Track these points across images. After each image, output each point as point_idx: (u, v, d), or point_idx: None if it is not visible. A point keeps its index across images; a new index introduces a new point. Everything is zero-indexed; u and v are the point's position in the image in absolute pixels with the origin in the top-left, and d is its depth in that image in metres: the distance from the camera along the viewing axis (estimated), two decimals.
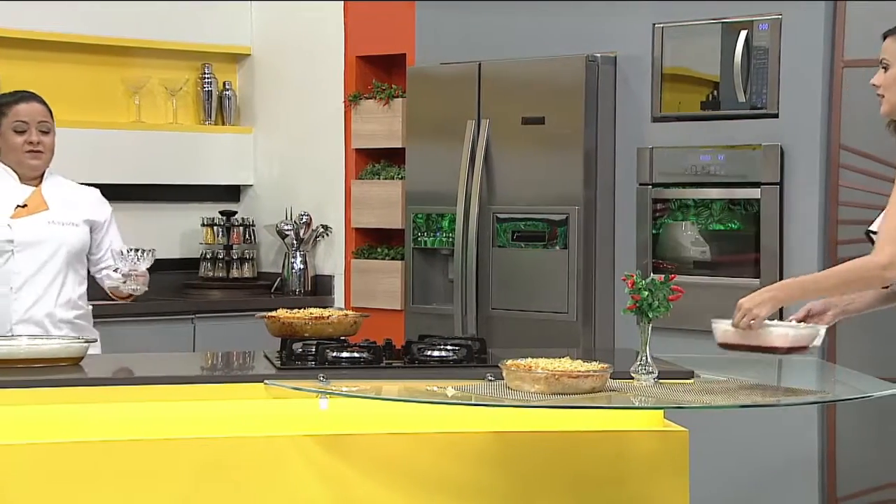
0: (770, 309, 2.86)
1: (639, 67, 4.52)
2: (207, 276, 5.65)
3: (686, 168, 4.37)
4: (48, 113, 3.62)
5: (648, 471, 2.93)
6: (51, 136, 3.60)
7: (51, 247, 3.56)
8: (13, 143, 3.56)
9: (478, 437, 2.88)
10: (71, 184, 3.72)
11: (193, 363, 3.44)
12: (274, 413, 2.87)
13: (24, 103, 3.58)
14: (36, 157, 3.58)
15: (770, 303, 2.87)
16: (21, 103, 3.58)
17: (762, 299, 2.86)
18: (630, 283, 2.82)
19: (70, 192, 3.69)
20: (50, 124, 3.61)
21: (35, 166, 3.59)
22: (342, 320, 3.19)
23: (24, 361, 2.95)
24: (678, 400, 2.72)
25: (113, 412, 2.81)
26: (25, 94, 3.64)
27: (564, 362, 2.73)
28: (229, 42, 5.75)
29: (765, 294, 2.89)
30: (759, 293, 2.89)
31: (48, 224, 3.57)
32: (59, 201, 3.62)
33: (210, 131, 5.75)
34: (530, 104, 4.65)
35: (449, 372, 2.97)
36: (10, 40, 5.13)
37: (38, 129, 3.57)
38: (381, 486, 2.82)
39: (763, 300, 2.86)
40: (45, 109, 3.62)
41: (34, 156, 3.57)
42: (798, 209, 4.17)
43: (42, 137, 3.57)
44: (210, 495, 2.76)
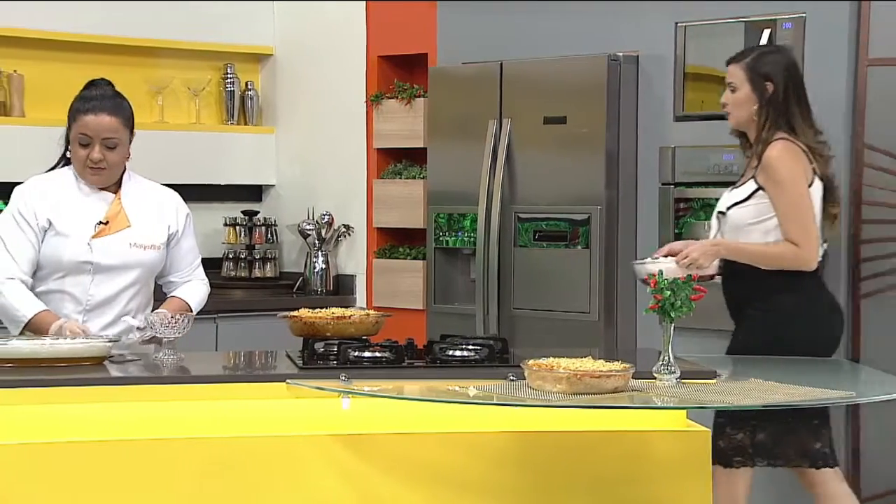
0: (711, 261, 3.46)
1: (661, 66, 4.50)
2: (230, 276, 5.66)
3: (709, 167, 4.35)
4: (121, 126, 3.33)
5: (671, 471, 2.92)
6: (119, 150, 3.34)
7: (131, 272, 3.37)
8: (77, 155, 3.34)
9: (500, 436, 2.88)
10: (151, 187, 3.49)
11: (216, 363, 3.45)
12: (296, 413, 2.88)
13: (91, 115, 3.31)
14: (96, 174, 3.34)
15: (713, 258, 3.47)
16: (89, 115, 3.31)
17: (707, 251, 3.44)
18: (652, 283, 2.81)
19: (151, 199, 3.46)
20: (117, 139, 3.32)
21: (95, 181, 3.36)
22: (364, 320, 3.19)
23: (48, 361, 2.97)
24: (701, 400, 2.71)
25: (136, 411, 2.82)
26: (101, 98, 3.36)
27: (586, 362, 2.73)
28: (252, 42, 5.77)
29: (710, 249, 3.46)
30: (705, 247, 3.45)
31: (130, 247, 3.36)
32: (141, 215, 3.40)
33: (232, 131, 5.77)
34: (552, 104, 4.64)
35: (471, 372, 2.97)
36: (35, 41, 5.17)
37: (102, 144, 3.31)
38: (403, 486, 2.82)
39: (707, 253, 3.44)
40: (117, 122, 3.32)
41: (94, 172, 3.34)
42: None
43: (106, 153, 3.31)
44: (232, 494, 2.76)
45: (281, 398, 2.86)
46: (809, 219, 3.46)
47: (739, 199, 3.52)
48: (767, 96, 3.52)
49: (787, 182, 3.45)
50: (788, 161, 3.46)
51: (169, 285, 3.53)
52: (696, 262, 3.41)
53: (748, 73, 3.55)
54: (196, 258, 3.55)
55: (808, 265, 3.47)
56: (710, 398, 2.72)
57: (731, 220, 3.52)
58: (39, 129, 3.47)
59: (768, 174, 3.46)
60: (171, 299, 3.47)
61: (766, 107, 3.52)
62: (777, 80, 3.53)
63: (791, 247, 3.45)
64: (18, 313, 3.27)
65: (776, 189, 3.45)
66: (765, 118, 3.52)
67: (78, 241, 3.34)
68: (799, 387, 2.84)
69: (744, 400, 2.76)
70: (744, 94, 3.54)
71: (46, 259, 3.34)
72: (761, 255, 3.47)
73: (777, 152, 3.46)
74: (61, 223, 3.34)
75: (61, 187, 3.39)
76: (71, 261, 3.33)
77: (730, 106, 3.58)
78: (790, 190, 3.45)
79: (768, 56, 3.58)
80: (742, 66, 3.56)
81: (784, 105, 3.52)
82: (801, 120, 3.54)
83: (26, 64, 5.17)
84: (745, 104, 3.55)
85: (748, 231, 3.50)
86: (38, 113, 5.04)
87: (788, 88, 3.53)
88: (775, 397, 2.77)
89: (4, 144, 5.01)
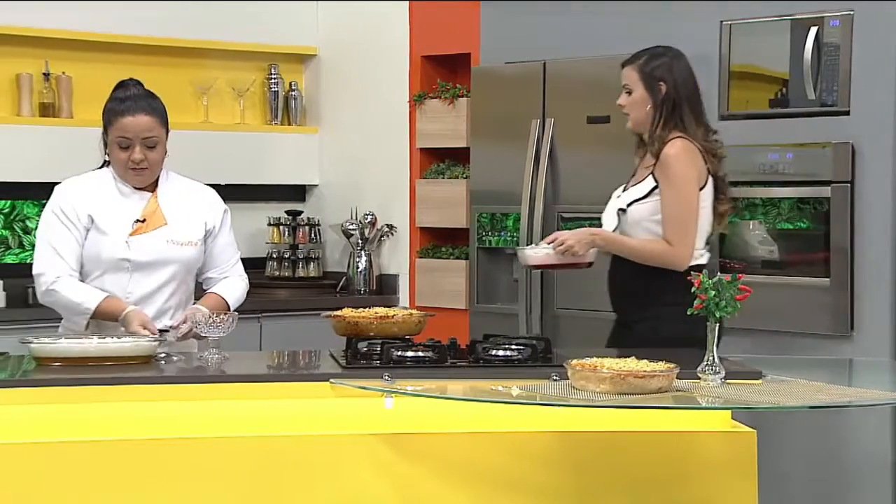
0: (587, 249, 3.53)
1: (706, 65, 4.46)
2: (274, 276, 5.69)
3: (754, 166, 4.32)
4: (156, 124, 3.35)
5: (716, 472, 2.90)
6: (158, 149, 3.36)
7: (168, 268, 3.39)
8: (117, 158, 3.36)
9: (543, 436, 2.87)
10: (188, 185, 3.51)
11: (260, 362, 3.47)
12: (339, 412, 2.88)
13: (129, 116, 3.32)
14: (138, 174, 3.36)
15: (589, 246, 3.53)
16: (126, 116, 3.32)
17: (582, 239, 3.51)
18: (697, 283, 2.80)
19: (188, 196, 3.47)
20: (156, 137, 3.34)
21: (138, 182, 3.38)
22: (407, 320, 3.19)
23: (96, 360, 3.00)
24: (746, 400, 2.69)
25: (180, 410, 2.84)
26: (135, 98, 3.36)
27: (630, 362, 2.71)
28: (296, 43, 5.80)
29: (586, 237, 3.52)
30: (582, 236, 3.52)
31: (167, 244, 3.38)
32: (177, 213, 3.42)
33: (276, 131, 5.80)
34: (595, 103, 4.62)
35: (514, 371, 2.97)
36: (81, 42, 5.22)
37: (142, 144, 3.33)
38: (446, 485, 2.82)
39: (583, 241, 3.51)
40: (153, 121, 3.34)
41: (137, 173, 3.36)
42: (869, 208, 4.10)
43: (147, 153, 3.34)
44: (276, 493, 2.78)
45: (324, 397, 2.87)
46: (690, 222, 3.51)
47: (639, 195, 3.56)
48: (661, 96, 3.58)
49: (678, 182, 3.50)
50: (684, 161, 3.52)
51: (208, 281, 3.54)
52: (572, 248, 3.50)
53: (641, 75, 3.61)
54: (235, 254, 3.56)
55: (678, 265, 3.49)
56: (755, 398, 2.70)
57: (631, 216, 3.55)
58: (87, 130, 3.49)
59: (663, 170, 3.52)
60: (209, 295, 3.49)
61: (659, 107, 3.58)
62: (668, 80, 3.59)
63: (665, 245, 3.50)
64: (82, 307, 3.30)
65: (667, 186, 3.50)
66: (658, 117, 3.58)
67: (116, 238, 3.36)
68: (846, 387, 2.81)
69: (790, 400, 2.73)
70: (639, 96, 3.60)
71: (86, 257, 3.37)
72: (636, 249, 3.52)
73: (675, 150, 3.52)
74: (100, 221, 3.37)
75: (99, 187, 3.41)
76: (109, 258, 3.36)
77: (627, 107, 3.64)
78: (679, 190, 3.50)
79: (659, 57, 3.64)
80: (635, 68, 3.62)
81: (677, 105, 3.58)
82: (694, 119, 3.58)
83: (74, 66, 5.23)
84: (640, 105, 3.60)
85: (648, 227, 3.53)
86: (85, 114, 5.10)
87: (680, 88, 3.59)
88: (822, 397, 2.74)
89: (53, 145, 5.07)
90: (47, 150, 5.07)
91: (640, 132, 3.66)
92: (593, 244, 3.54)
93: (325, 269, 5.79)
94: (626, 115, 3.66)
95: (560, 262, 3.56)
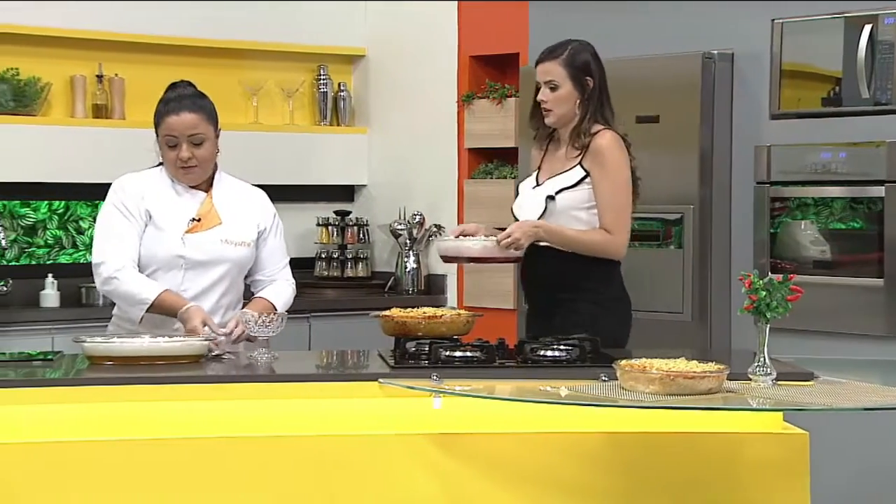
0: (530, 242, 3.48)
1: (757, 64, 4.44)
2: (322, 276, 5.72)
3: (806, 166, 4.28)
4: (203, 121, 3.36)
5: (767, 474, 2.87)
6: (206, 145, 3.36)
7: (222, 267, 3.40)
8: (167, 157, 3.39)
9: (591, 437, 2.86)
10: (241, 186, 3.53)
11: (309, 362, 3.49)
12: (388, 412, 2.89)
13: (174, 115, 3.34)
14: (188, 173, 3.38)
15: (533, 238, 3.48)
16: (171, 115, 3.34)
17: (528, 232, 3.46)
18: (747, 283, 2.77)
19: (240, 197, 3.49)
20: (203, 134, 3.35)
21: (188, 180, 3.40)
22: (455, 320, 3.19)
23: (147, 359, 3.03)
24: (798, 402, 2.66)
25: (230, 409, 2.86)
26: (179, 98, 3.39)
27: (680, 363, 2.70)
28: (344, 43, 5.82)
29: (531, 230, 3.47)
30: (527, 229, 3.47)
31: (221, 243, 3.40)
32: (231, 213, 3.44)
33: (325, 132, 5.82)
34: (644, 103, 4.60)
35: (562, 372, 2.96)
36: (134, 45, 5.27)
37: (189, 142, 3.34)
38: (494, 486, 2.81)
39: (528, 234, 3.46)
40: (200, 117, 3.35)
41: (186, 171, 3.38)
42: None
43: (195, 150, 3.35)
44: (324, 493, 2.79)
45: (373, 397, 2.88)
46: (627, 210, 3.54)
47: (568, 184, 3.53)
48: (588, 91, 3.55)
49: (614, 171, 3.50)
50: (617, 151, 3.52)
51: (256, 284, 3.54)
52: (518, 241, 3.44)
53: (569, 70, 3.55)
54: (283, 258, 3.56)
55: (617, 254, 3.53)
56: (807, 400, 2.67)
57: (560, 204, 3.52)
58: (139, 131, 3.53)
59: (597, 160, 3.50)
60: (257, 300, 3.48)
61: (586, 101, 3.55)
62: (595, 74, 3.57)
63: (605, 234, 3.50)
64: (140, 296, 3.30)
65: (603, 175, 3.49)
66: (585, 112, 3.55)
67: (172, 236, 3.38)
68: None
69: (843, 402, 2.70)
70: (566, 91, 3.55)
71: (142, 253, 3.39)
72: (578, 240, 3.51)
73: (607, 141, 3.51)
74: (158, 218, 3.39)
75: (156, 184, 3.44)
76: (165, 255, 3.37)
77: (550, 103, 3.56)
78: (616, 179, 3.50)
79: (582, 52, 3.59)
80: (560, 62, 3.55)
81: (600, 98, 3.57)
82: (612, 113, 3.59)
83: (126, 67, 5.28)
84: (567, 101, 3.55)
85: (576, 215, 3.53)
86: (137, 116, 5.15)
87: (602, 83, 3.58)
88: (875, 399, 2.71)
89: (106, 146, 5.13)
90: (100, 151, 5.13)
91: (559, 127, 3.60)
92: (536, 236, 3.49)
93: (373, 270, 5.81)
94: (546, 111, 3.57)
95: (499, 255, 3.50)
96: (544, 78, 3.58)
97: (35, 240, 5.23)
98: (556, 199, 3.53)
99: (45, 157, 5.10)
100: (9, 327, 4.73)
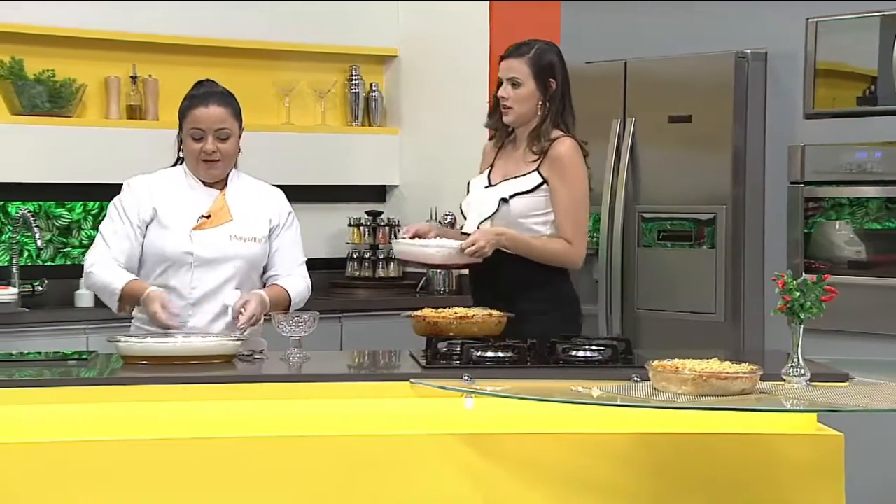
0: (493, 249, 3.44)
1: (791, 63, 4.41)
2: (354, 276, 5.73)
3: (840, 166, 4.25)
4: (230, 116, 3.39)
5: (801, 476, 2.86)
6: (231, 141, 3.38)
7: (232, 264, 3.39)
8: (190, 150, 3.39)
9: (623, 438, 2.85)
10: (257, 185, 3.52)
11: (341, 361, 3.49)
12: (419, 412, 2.89)
13: (202, 108, 3.36)
14: (211, 167, 3.39)
15: (496, 246, 3.45)
16: (199, 107, 3.37)
17: (492, 241, 3.43)
18: (781, 284, 2.75)
19: (255, 195, 3.49)
20: (230, 129, 3.38)
21: (211, 175, 3.41)
22: (487, 320, 3.19)
23: (181, 359, 3.04)
24: (832, 403, 2.64)
25: (262, 409, 2.87)
26: (208, 94, 3.42)
27: (712, 363, 2.68)
28: (376, 44, 5.83)
29: (494, 238, 3.44)
30: (490, 236, 3.44)
31: (231, 239, 3.39)
32: (243, 210, 3.43)
33: (357, 132, 5.83)
34: (677, 102, 4.58)
35: (594, 372, 2.95)
36: (163, 45, 5.30)
37: (215, 136, 3.36)
38: (526, 486, 2.81)
39: (491, 241, 3.43)
40: (227, 112, 3.38)
41: (209, 165, 3.38)
42: None
43: (220, 145, 3.36)
44: (355, 492, 2.79)
45: (404, 397, 2.89)
46: (585, 220, 3.55)
47: (524, 189, 3.51)
48: (550, 93, 3.52)
49: (575, 180, 3.50)
50: (577, 160, 3.49)
51: (271, 280, 3.51)
52: (482, 249, 3.42)
53: (533, 69, 3.51)
54: (299, 256, 3.54)
55: (575, 264, 3.54)
56: (842, 401, 2.65)
57: (513, 208, 3.50)
58: (173, 132, 3.54)
59: (556, 168, 3.47)
60: (272, 286, 3.46)
61: (548, 103, 3.52)
62: (558, 76, 3.54)
63: (565, 244, 3.50)
64: (111, 286, 3.33)
65: (563, 184, 3.47)
66: (546, 114, 3.52)
67: (180, 232, 3.39)
68: None
69: (878, 403, 2.68)
70: (528, 90, 3.52)
71: (150, 252, 3.39)
72: (539, 249, 3.49)
73: (567, 149, 3.49)
74: (165, 216, 3.40)
75: (169, 182, 3.45)
76: (173, 252, 3.37)
77: (511, 101, 3.53)
78: (576, 189, 3.49)
79: (548, 52, 3.56)
80: (526, 60, 3.52)
81: (562, 101, 3.54)
82: (573, 119, 3.56)
83: (160, 68, 5.31)
84: (529, 100, 3.52)
85: (524, 222, 3.51)
86: (171, 116, 5.14)
87: (565, 86, 3.55)
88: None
89: (140, 147, 5.15)
90: (134, 152, 5.15)
91: (517, 126, 3.57)
92: (499, 244, 3.46)
93: (404, 270, 5.81)
94: (506, 108, 3.54)
95: (461, 262, 3.48)
96: (507, 74, 3.55)
97: (70, 240, 5.28)
98: (510, 202, 3.51)
99: (80, 157, 5.14)
100: (44, 327, 4.77)
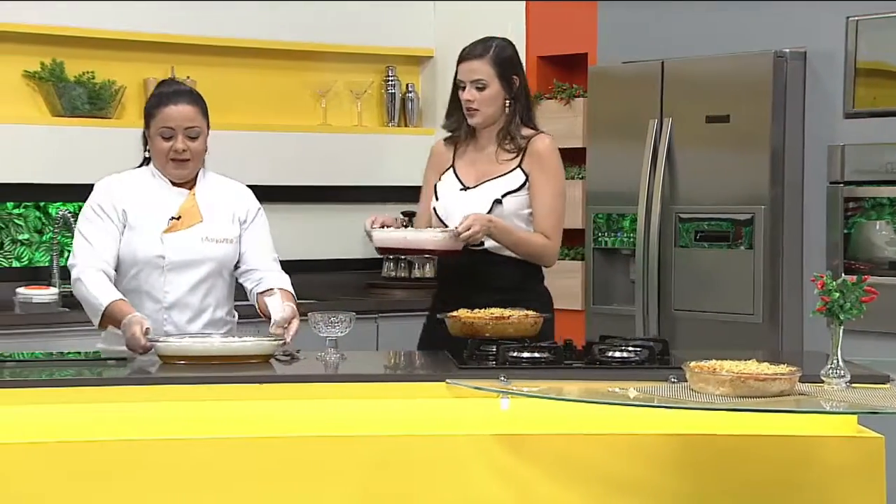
0: (484, 235, 3.42)
1: (831, 62, 4.38)
2: (390, 276, 5.73)
3: (881, 165, 4.21)
4: (199, 114, 3.32)
5: (841, 478, 2.83)
6: (200, 140, 3.32)
7: (205, 266, 3.33)
8: (159, 149, 3.32)
9: (660, 439, 2.84)
10: (224, 182, 3.45)
11: (377, 362, 3.50)
12: (455, 412, 2.89)
13: (172, 106, 3.29)
14: (181, 167, 3.32)
15: (486, 233, 3.42)
16: (169, 106, 3.29)
17: (485, 226, 3.39)
18: (820, 285, 2.73)
19: (223, 193, 3.42)
20: (199, 128, 3.31)
21: (180, 175, 3.34)
22: (522, 321, 3.19)
23: (218, 358, 3.06)
24: (873, 405, 2.62)
25: (298, 408, 2.88)
26: (177, 92, 3.35)
27: (750, 365, 2.67)
28: (412, 44, 5.83)
29: (486, 224, 3.40)
30: (484, 221, 3.39)
31: (202, 241, 3.33)
32: (213, 209, 3.37)
33: (393, 133, 5.84)
34: (715, 102, 4.56)
35: (631, 373, 2.94)
36: (201, 47, 5.33)
37: (185, 135, 3.29)
38: (561, 487, 2.81)
39: (484, 228, 3.39)
40: (196, 111, 3.31)
41: (179, 164, 3.32)
42: None
43: (189, 144, 3.30)
44: (392, 492, 2.80)
45: (440, 398, 2.88)
46: (563, 217, 3.55)
47: (512, 188, 3.50)
48: (515, 90, 3.50)
49: (557, 177, 3.51)
50: (557, 156, 3.52)
51: (246, 277, 3.41)
52: (477, 235, 3.39)
53: (497, 69, 3.48)
54: (272, 253, 3.44)
55: (551, 260, 3.55)
56: (883, 403, 2.62)
57: (507, 208, 3.49)
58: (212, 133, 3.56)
59: (538, 164, 3.47)
60: (283, 292, 3.35)
61: (514, 101, 3.50)
62: (520, 73, 3.51)
63: (545, 239, 3.51)
64: (96, 301, 3.23)
65: (545, 180, 3.48)
66: (513, 112, 3.50)
67: (150, 235, 3.33)
68: None
69: None
70: (494, 91, 3.49)
71: (122, 257, 3.33)
72: (523, 240, 3.49)
73: (547, 146, 3.51)
74: (135, 218, 3.34)
75: (137, 183, 3.38)
76: (145, 255, 3.31)
77: (477, 103, 3.49)
78: (557, 185, 3.51)
79: (506, 47, 3.52)
80: (488, 61, 3.48)
81: (526, 99, 3.53)
82: (534, 114, 3.57)
83: (198, 69, 5.34)
84: (496, 100, 3.50)
85: (521, 219, 3.52)
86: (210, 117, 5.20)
87: (526, 82, 3.54)
88: None
89: None
90: None
91: (484, 128, 3.54)
92: (489, 231, 3.43)
93: None
94: (473, 111, 3.50)
95: (453, 248, 3.41)
96: (470, 77, 3.50)
97: None
98: (504, 202, 3.51)
99: (119, 159, 5.11)
100: (84, 327, 4.79)
